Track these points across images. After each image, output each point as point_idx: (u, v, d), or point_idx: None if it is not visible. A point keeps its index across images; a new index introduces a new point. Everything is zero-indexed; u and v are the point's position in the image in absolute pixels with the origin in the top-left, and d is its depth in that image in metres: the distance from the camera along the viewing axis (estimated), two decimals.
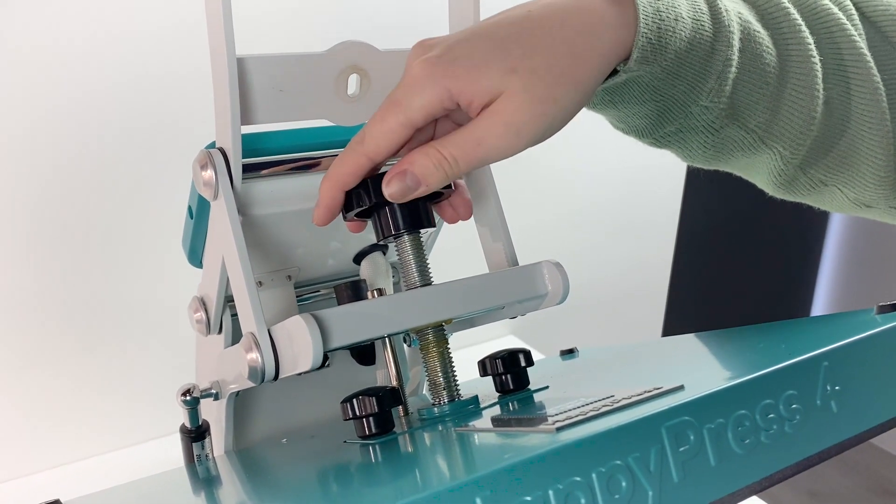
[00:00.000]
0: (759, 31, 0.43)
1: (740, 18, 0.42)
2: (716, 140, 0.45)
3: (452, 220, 0.45)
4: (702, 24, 0.40)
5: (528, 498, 0.25)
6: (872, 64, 0.45)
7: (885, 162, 0.46)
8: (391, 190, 0.38)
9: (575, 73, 0.37)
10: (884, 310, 0.40)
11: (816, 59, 0.44)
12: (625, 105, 0.44)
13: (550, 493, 0.25)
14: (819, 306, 2.14)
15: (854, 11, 0.46)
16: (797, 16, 0.44)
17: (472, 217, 0.46)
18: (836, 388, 0.34)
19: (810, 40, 0.44)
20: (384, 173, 0.40)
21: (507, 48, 0.36)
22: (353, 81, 0.43)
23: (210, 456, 0.47)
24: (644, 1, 0.38)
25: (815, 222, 2.02)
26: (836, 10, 0.45)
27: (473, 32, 0.37)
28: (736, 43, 0.41)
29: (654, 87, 0.42)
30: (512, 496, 0.25)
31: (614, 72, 0.41)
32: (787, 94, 0.44)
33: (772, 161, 0.47)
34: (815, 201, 0.51)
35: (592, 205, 1.04)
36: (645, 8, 0.38)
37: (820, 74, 0.44)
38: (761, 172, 0.49)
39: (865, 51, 0.45)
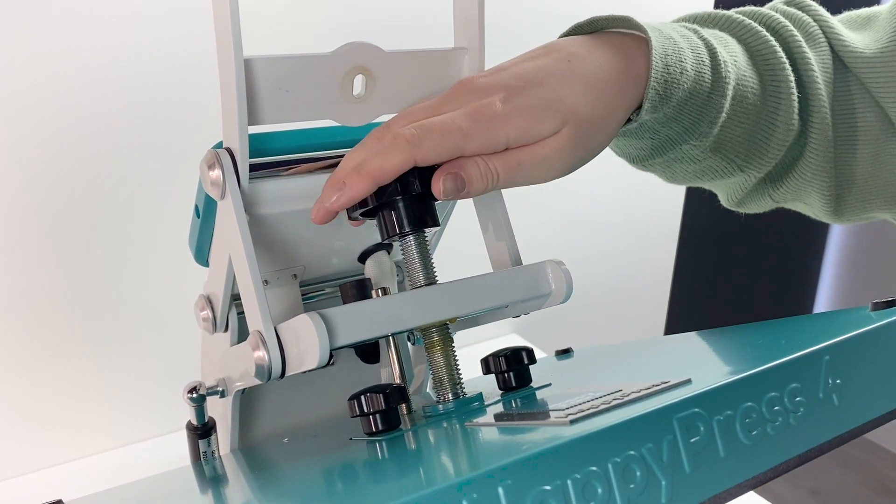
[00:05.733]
0: (747, 76, 0.47)
1: (735, 65, 0.46)
2: (697, 168, 0.51)
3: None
4: (702, 76, 0.44)
5: (548, 487, 0.26)
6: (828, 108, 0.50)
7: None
8: (445, 188, 0.39)
9: (608, 125, 0.42)
10: (878, 306, 0.41)
11: (796, 97, 0.48)
12: (624, 138, 0.49)
13: (569, 482, 0.26)
14: (821, 306, 2.15)
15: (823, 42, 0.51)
16: (784, 58, 0.48)
17: (477, 216, 0.47)
18: (838, 381, 0.35)
19: (793, 78, 0.48)
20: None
21: (561, 98, 0.40)
22: (358, 82, 0.43)
23: (216, 453, 0.48)
24: (656, 55, 0.42)
25: (817, 221, 2.03)
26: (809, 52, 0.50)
27: (528, 81, 0.40)
28: (730, 92, 0.46)
29: (652, 128, 0.46)
30: (532, 485, 0.25)
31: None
32: (766, 129, 0.48)
33: (742, 181, 0.52)
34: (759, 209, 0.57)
35: (596, 204, 1.05)
36: (656, 63, 0.42)
37: (797, 109, 0.48)
38: (723, 188, 0.55)
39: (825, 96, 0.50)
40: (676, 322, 1.29)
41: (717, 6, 0.93)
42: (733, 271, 1.88)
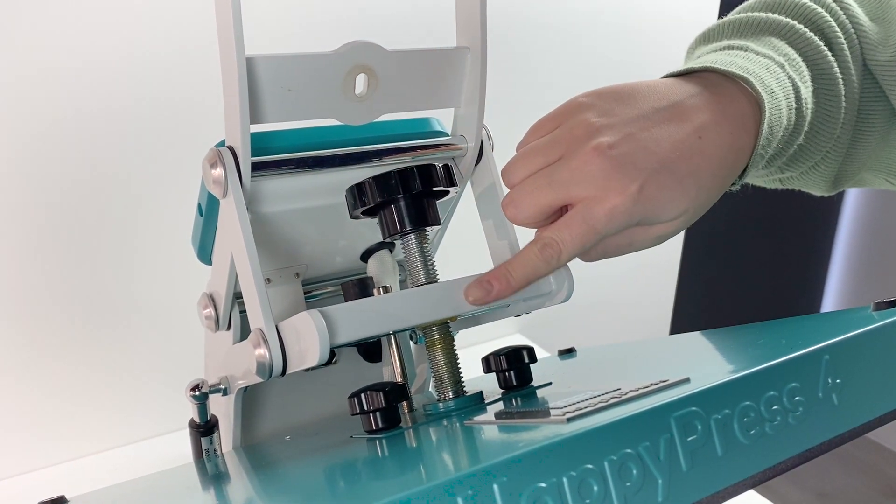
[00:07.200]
0: (808, 100, 0.46)
1: (808, 98, 0.46)
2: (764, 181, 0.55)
3: None
4: (790, 125, 0.45)
5: (543, 484, 0.26)
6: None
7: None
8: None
9: (713, 201, 0.43)
10: (880, 306, 0.41)
11: (843, 112, 0.48)
12: None
13: (564, 480, 0.26)
14: (829, 306, 2.12)
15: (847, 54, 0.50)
16: (839, 76, 0.48)
17: (478, 214, 0.47)
18: (837, 381, 0.34)
19: (844, 91, 0.48)
20: (385, 174, 0.41)
21: (686, 189, 0.40)
22: (360, 81, 0.43)
23: (218, 451, 0.48)
24: (764, 131, 0.42)
25: (825, 221, 2.01)
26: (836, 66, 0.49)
27: (661, 161, 0.40)
28: (805, 128, 0.46)
29: None
30: (527, 483, 0.25)
31: None
32: (813, 146, 0.49)
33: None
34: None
35: None
36: (763, 144, 0.42)
37: (841, 123, 0.49)
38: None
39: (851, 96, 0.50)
40: (682, 322, 1.29)
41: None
42: (739, 271, 1.87)
